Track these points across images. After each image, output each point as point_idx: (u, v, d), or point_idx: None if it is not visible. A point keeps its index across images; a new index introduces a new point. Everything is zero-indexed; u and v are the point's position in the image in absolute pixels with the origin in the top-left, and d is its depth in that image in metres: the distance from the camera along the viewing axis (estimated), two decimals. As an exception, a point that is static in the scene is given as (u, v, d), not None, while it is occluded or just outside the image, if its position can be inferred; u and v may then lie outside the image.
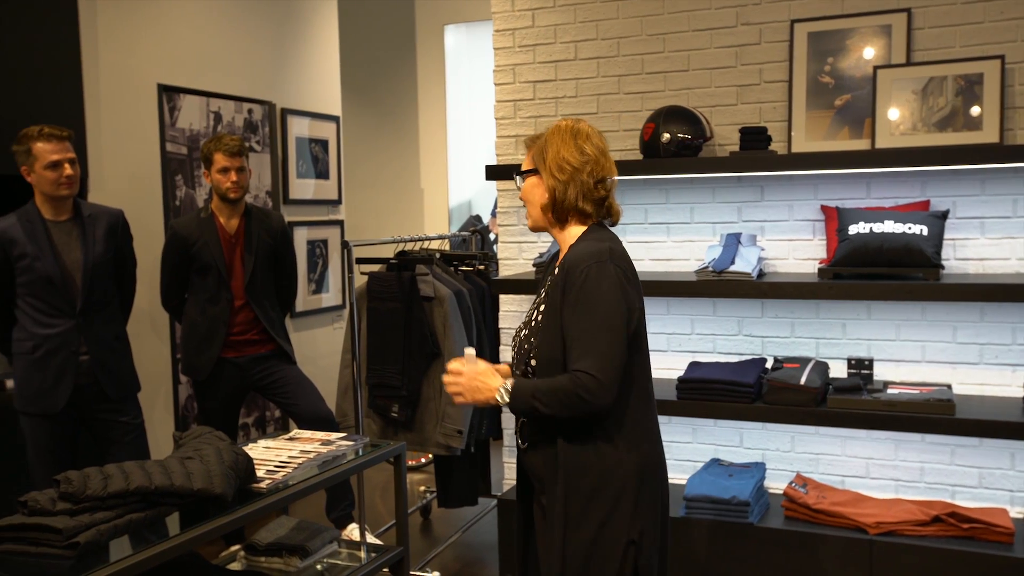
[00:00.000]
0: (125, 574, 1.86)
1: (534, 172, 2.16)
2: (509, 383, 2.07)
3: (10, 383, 3.38)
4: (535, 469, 2.16)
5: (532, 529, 2.29)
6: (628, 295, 2.02)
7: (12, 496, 2.13)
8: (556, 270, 2.12)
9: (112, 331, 3.32)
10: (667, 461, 2.25)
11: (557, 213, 2.13)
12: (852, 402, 3.07)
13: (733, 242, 3.38)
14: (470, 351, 2.18)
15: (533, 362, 2.10)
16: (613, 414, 2.03)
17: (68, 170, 3.14)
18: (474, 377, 2.11)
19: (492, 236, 5.87)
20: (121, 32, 4.05)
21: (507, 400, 2.06)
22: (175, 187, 4.33)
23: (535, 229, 2.22)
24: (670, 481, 2.27)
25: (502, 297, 4.00)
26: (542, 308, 2.12)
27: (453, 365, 2.15)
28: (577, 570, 2.04)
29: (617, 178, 3.63)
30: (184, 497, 2.07)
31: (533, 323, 2.15)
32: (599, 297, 1.98)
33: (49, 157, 3.10)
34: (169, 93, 4.28)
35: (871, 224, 3.11)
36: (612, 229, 2.22)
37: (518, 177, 2.21)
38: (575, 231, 2.14)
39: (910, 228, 3.06)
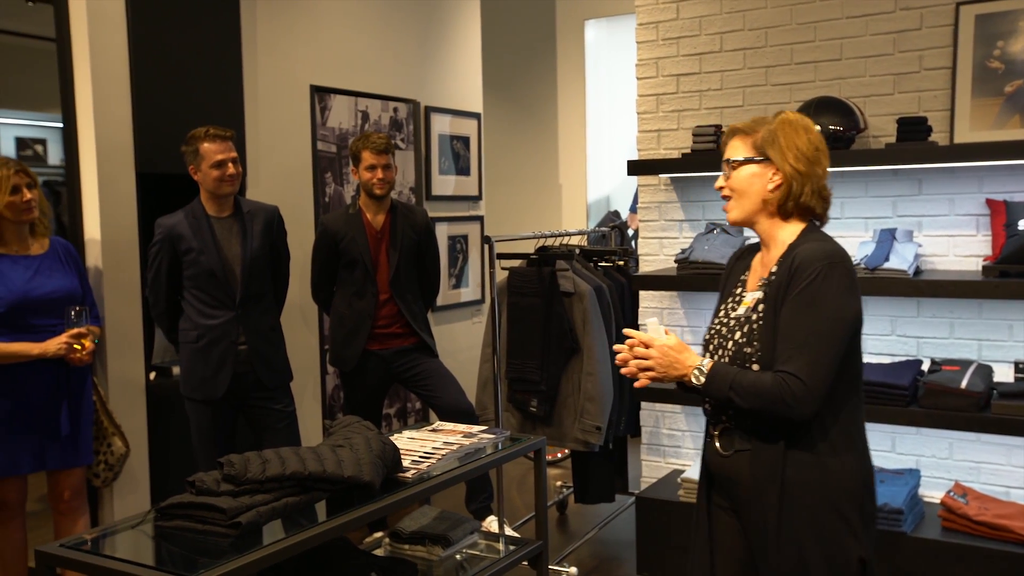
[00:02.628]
0: (280, 555, 1.94)
1: (757, 161, 1.99)
2: (706, 364, 1.94)
3: (177, 370, 3.60)
4: (738, 478, 2.00)
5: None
6: (856, 300, 1.91)
7: (181, 475, 2.27)
8: (774, 268, 1.97)
9: (268, 322, 3.48)
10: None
11: (785, 206, 1.98)
12: (1021, 408, 2.88)
13: (888, 238, 3.22)
14: (653, 322, 2.02)
15: (756, 367, 1.93)
16: (839, 422, 1.91)
17: (231, 168, 3.31)
18: (667, 352, 1.96)
19: (631, 232, 5.82)
20: (277, 37, 4.24)
21: (702, 383, 1.93)
22: (324, 184, 4.50)
23: (739, 222, 2.06)
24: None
25: (642, 293, 3.96)
26: (760, 309, 1.97)
27: (641, 336, 1.99)
28: None
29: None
30: (335, 484, 2.15)
31: (752, 325, 1.97)
32: (826, 300, 1.85)
33: (215, 156, 3.28)
34: (320, 94, 4.45)
35: (1044, 219, 2.90)
36: None
37: (727, 166, 2.04)
38: (794, 228, 2.00)
39: (1089, 223, 2.84)
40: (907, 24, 3.33)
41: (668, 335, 1.98)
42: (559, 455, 5.29)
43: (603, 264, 4.15)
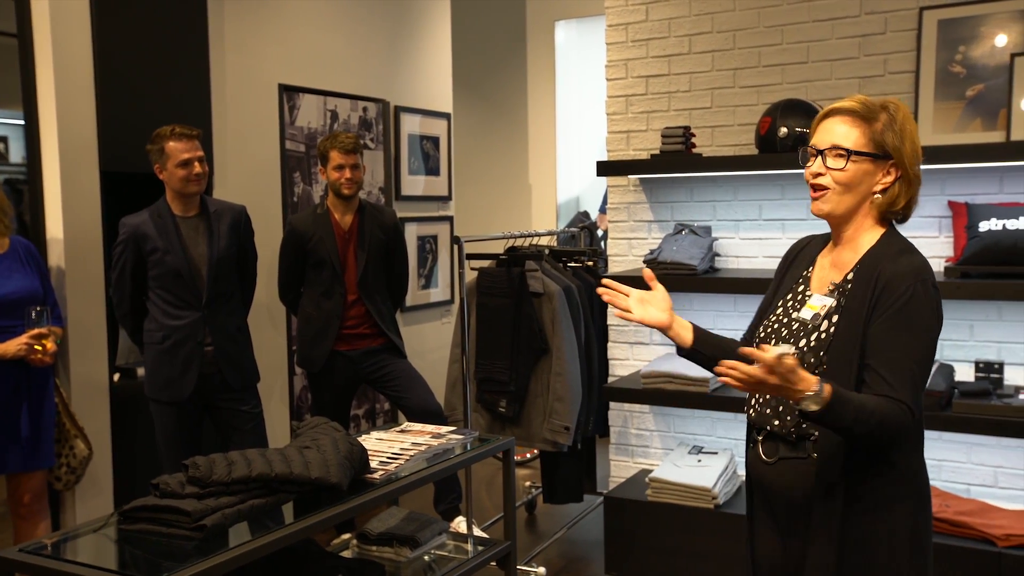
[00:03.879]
0: (246, 558, 1.92)
1: (876, 156, 1.78)
2: (825, 388, 1.62)
3: (141, 371, 3.56)
4: (780, 486, 1.87)
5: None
6: (941, 318, 1.78)
7: (145, 477, 2.24)
8: (850, 276, 1.82)
9: (234, 323, 3.45)
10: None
11: (886, 211, 1.82)
12: (980, 407, 2.93)
13: (853, 240, 3.26)
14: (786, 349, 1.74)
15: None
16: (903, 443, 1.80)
17: (197, 168, 3.27)
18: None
19: (600, 232, 5.85)
20: (245, 35, 4.21)
21: (815, 409, 1.63)
22: (293, 184, 4.47)
23: (828, 217, 1.84)
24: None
25: (611, 294, 3.97)
26: (834, 320, 1.80)
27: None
28: None
29: (732, 173, 3.60)
30: (302, 485, 2.14)
31: (820, 334, 1.81)
32: (922, 322, 1.72)
33: (180, 155, 3.24)
34: (289, 93, 4.42)
35: (1004, 220, 2.95)
36: None
37: (833, 154, 1.80)
38: (876, 232, 1.84)
39: (1048, 226, 2.89)
40: (872, 28, 3.37)
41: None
42: (528, 455, 5.29)
43: (572, 264, 4.16)
